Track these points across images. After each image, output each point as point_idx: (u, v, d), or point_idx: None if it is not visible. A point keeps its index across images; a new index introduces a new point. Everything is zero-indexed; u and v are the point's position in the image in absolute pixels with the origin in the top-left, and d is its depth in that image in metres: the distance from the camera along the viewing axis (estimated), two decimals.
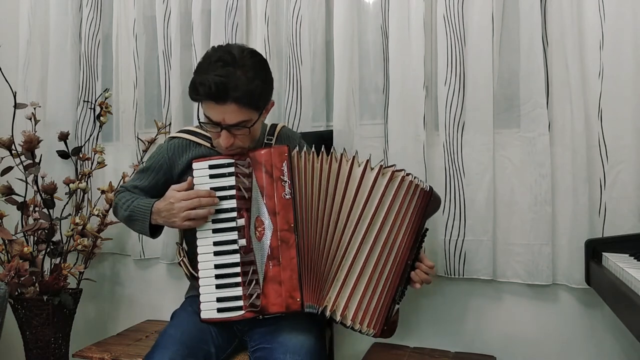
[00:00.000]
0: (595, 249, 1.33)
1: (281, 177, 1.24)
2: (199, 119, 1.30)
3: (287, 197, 1.23)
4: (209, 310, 1.24)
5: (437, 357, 1.57)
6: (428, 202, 1.32)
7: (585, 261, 1.37)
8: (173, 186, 1.31)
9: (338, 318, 1.24)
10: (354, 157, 1.29)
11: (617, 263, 1.14)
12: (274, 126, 1.50)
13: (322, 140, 1.70)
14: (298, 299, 1.19)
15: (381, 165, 1.28)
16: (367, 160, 1.28)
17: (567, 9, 1.50)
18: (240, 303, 1.22)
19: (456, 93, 1.63)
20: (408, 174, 1.30)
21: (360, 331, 1.27)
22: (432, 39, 1.68)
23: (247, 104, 1.22)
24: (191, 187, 1.29)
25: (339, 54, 1.74)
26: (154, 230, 1.41)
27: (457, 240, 1.63)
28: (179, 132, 1.48)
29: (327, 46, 1.83)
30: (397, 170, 1.29)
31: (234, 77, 1.19)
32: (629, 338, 1.50)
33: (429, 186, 1.34)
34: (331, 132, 1.76)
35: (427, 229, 1.38)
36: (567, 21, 1.50)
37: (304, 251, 1.23)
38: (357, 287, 1.26)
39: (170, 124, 2.01)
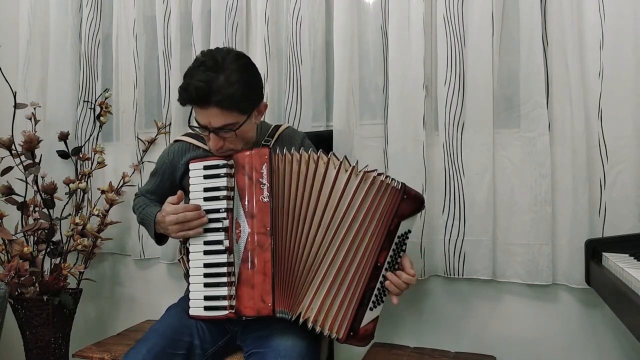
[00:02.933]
0: (595, 249, 1.33)
1: (260, 179, 1.24)
2: (189, 123, 1.32)
3: (265, 200, 1.23)
4: (197, 307, 1.26)
5: (437, 357, 1.57)
6: (400, 200, 1.27)
7: (585, 261, 1.36)
8: (169, 198, 1.33)
9: (301, 320, 1.23)
10: (329, 159, 1.26)
11: (617, 263, 1.14)
12: (276, 127, 1.49)
13: (322, 140, 1.70)
14: (269, 304, 1.19)
15: (353, 167, 1.25)
16: (341, 162, 1.25)
17: (567, 9, 1.50)
18: (225, 303, 1.23)
19: (456, 93, 1.63)
20: (380, 174, 1.27)
21: (322, 333, 1.24)
22: (432, 39, 1.68)
23: (229, 108, 1.23)
24: (181, 199, 1.32)
25: (339, 54, 1.74)
26: (160, 238, 1.46)
27: (457, 240, 1.63)
28: (182, 135, 1.51)
29: (327, 46, 1.83)
30: (369, 171, 1.26)
31: (215, 81, 1.21)
32: (629, 338, 1.50)
33: (401, 183, 1.29)
34: (331, 132, 1.76)
35: (409, 231, 1.32)
36: (567, 21, 1.50)
37: (279, 255, 1.22)
38: (320, 288, 1.25)
39: (170, 124, 2.01)
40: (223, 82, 1.21)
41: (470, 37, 1.61)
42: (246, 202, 1.24)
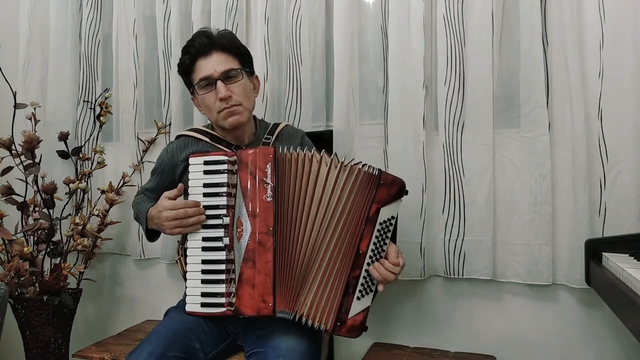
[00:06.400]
0: (595, 249, 1.33)
1: (264, 179, 1.24)
2: (192, 89, 1.37)
3: (269, 199, 1.23)
4: (193, 303, 1.26)
5: (437, 357, 1.57)
6: (376, 185, 1.26)
7: (585, 261, 1.36)
8: (165, 193, 1.32)
9: (297, 317, 1.23)
10: (321, 157, 1.27)
11: (617, 263, 1.14)
12: (276, 125, 1.50)
13: (322, 140, 1.70)
14: (270, 304, 1.19)
15: (342, 162, 1.26)
16: (332, 159, 1.26)
17: (567, 9, 1.50)
18: (222, 300, 1.23)
19: (456, 93, 1.63)
20: (364, 165, 1.27)
21: (313, 326, 1.24)
22: (432, 39, 1.68)
23: (230, 49, 1.38)
24: (181, 193, 1.31)
25: (339, 54, 1.74)
26: (152, 235, 1.44)
27: (457, 240, 1.63)
28: (185, 130, 1.51)
29: (327, 46, 1.83)
30: (355, 164, 1.27)
31: (215, 33, 1.40)
32: (629, 338, 1.50)
33: (378, 169, 1.28)
34: (331, 132, 1.75)
35: (392, 217, 1.29)
36: (567, 21, 1.50)
37: (281, 255, 1.23)
38: (313, 283, 1.25)
39: (170, 124, 2.01)
40: (220, 34, 1.40)
41: (470, 37, 1.61)
42: (249, 201, 1.24)
